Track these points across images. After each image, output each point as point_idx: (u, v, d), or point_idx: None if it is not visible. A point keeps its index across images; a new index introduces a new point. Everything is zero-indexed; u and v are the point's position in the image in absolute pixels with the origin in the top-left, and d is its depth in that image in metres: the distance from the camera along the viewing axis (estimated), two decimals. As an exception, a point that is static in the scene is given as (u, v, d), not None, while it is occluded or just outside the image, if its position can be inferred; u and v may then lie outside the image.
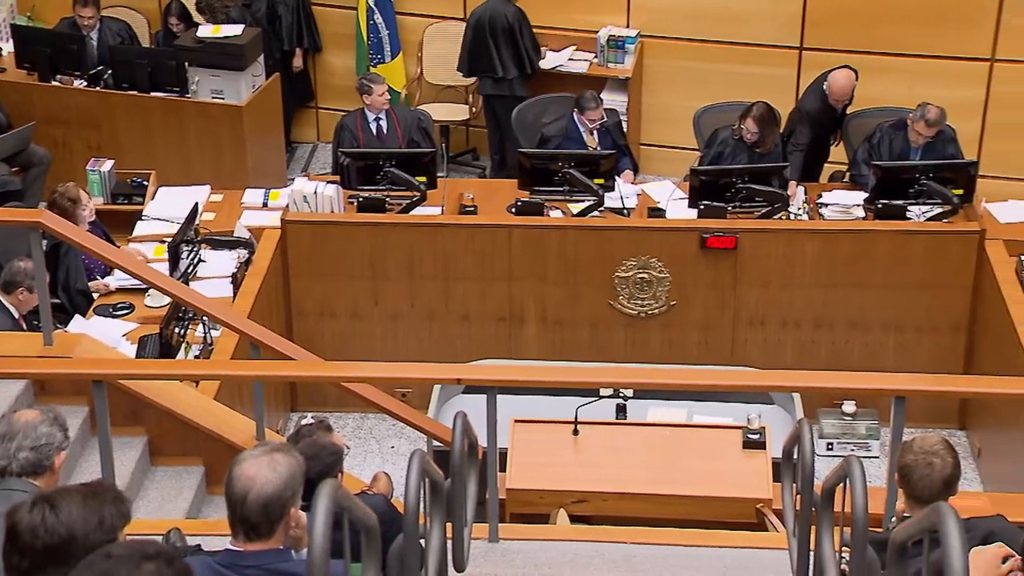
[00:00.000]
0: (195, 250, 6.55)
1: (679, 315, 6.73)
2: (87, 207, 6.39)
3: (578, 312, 6.77)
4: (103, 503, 2.48)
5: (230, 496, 2.75)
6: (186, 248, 6.43)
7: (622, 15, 8.56)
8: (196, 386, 5.54)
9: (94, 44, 8.28)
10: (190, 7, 8.59)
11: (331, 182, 6.95)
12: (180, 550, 3.77)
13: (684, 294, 6.68)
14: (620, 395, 5.78)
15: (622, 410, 5.87)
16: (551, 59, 8.48)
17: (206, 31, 8.01)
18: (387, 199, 6.83)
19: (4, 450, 3.40)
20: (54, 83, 8.09)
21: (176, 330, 5.80)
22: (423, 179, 6.81)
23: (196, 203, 6.86)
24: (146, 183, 7.40)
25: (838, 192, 6.98)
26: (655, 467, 5.28)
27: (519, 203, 6.83)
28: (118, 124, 7.96)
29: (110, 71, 8.02)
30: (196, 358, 5.82)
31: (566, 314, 6.78)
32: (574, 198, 6.78)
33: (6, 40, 8.55)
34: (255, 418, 5.02)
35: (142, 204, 7.21)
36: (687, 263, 6.62)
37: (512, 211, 6.85)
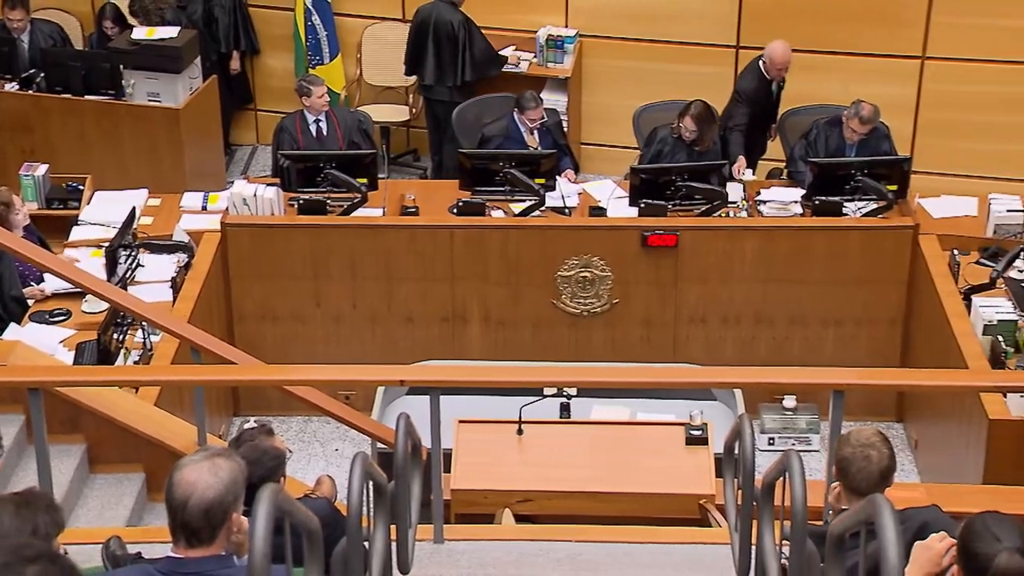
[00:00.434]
0: (133, 255, 6.48)
1: (621, 313, 6.76)
2: (21, 212, 6.29)
3: (521, 312, 6.78)
4: (36, 512, 2.45)
5: (170, 502, 2.73)
6: (124, 253, 6.36)
7: (560, 15, 8.59)
8: (136, 392, 5.47)
9: (25, 47, 8.16)
10: (124, 9, 8.49)
11: (271, 184, 6.91)
12: (120, 558, 3.73)
13: (626, 292, 6.72)
14: (564, 394, 5.79)
15: (566, 409, 5.89)
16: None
17: (141, 33, 7.92)
18: (328, 201, 6.80)
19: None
20: (-15, 87, 7.97)
21: (115, 336, 5.73)
22: (364, 180, 6.78)
23: (133, 207, 6.78)
24: (82, 187, 7.30)
25: (776, 189, 7.06)
26: (599, 465, 5.31)
27: (461, 203, 6.83)
28: (52, 128, 7.84)
29: (42, 74, 7.90)
30: (135, 364, 5.75)
31: (509, 314, 6.79)
32: (515, 198, 6.80)
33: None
34: (196, 423, 4.98)
35: (78, 209, 7.10)
36: (629, 261, 6.66)
37: (454, 212, 6.85)
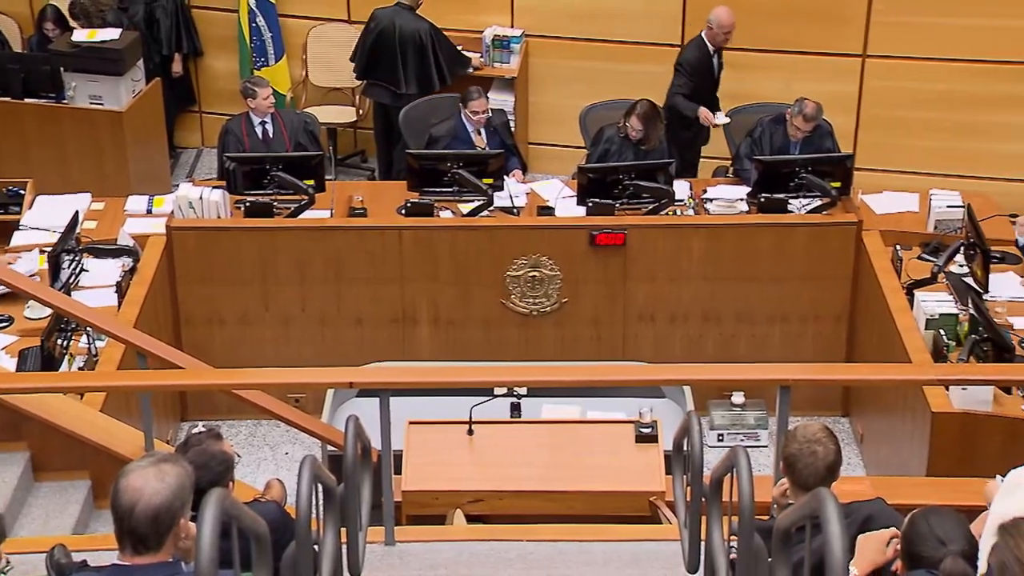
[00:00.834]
0: (77, 259, 6.40)
1: (571, 312, 6.79)
2: (-39, 218, 6.20)
3: (471, 312, 6.79)
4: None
5: (116, 509, 2.70)
6: (67, 257, 6.28)
7: (506, 15, 8.61)
8: (81, 398, 5.41)
9: (-38, 50, 8.05)
10: (64, 11, 8.38)
11: (217, 187, 6.85)
12: (65, 567, 3.69)
13: (575, 291, 6.75)
14: (514, 394, 5.80)
15: (516, 408, 5.90)
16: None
17: (81, 36, 7.83)
18: (275, 203, 6.76)
19: None
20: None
21: (58, 341, 5.65)
22: (311, 182, 6.75)
23: (76, 211, 6.70)
24: (23, 192, 7.20)
25: (722, 187, 7.12)
26: (550, 464, 5.32)
27: (409, 204, 6.82)
28: (-9, 132, 7.74)
29: (-20, 77, 7.79)
30: (80, 369, 5.68)
31: (459, 314, 6.79)
32: (464, 198, 6.80)
33: None
34: (143, 429, 4.93)
35: (19, 214, 7.01)
36: (577, 260, 6.69)
37: (402, 212, 6.84)
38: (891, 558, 3.14)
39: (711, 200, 6.94)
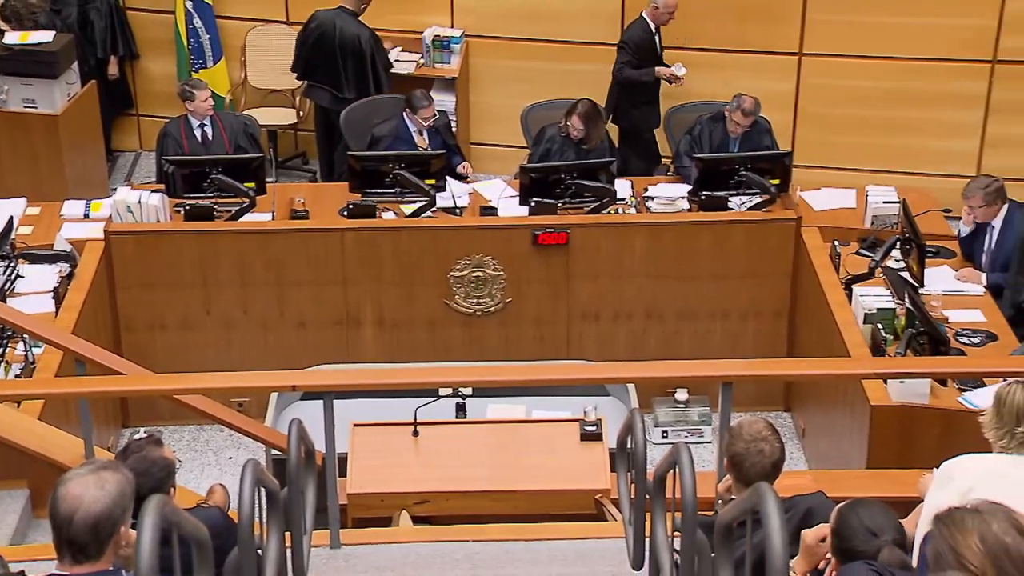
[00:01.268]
0: (11, 265, 6.30)
1: (515, 312, 6.80)
2: None
3: (415, 313, 6.77)
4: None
5: (55, 518, 2.67)
6: (2, 264, 6.18)
7: (446, 15, 8.60)
8: (18, 406, 5.33)
9: None
10: (-5, 13, 8.26)
11: (156, 191, 6.78)
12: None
13: (519, 291, 6.76)
14: (459, 394, 5.80)
15: (462, 409, 5.90)
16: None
17: (13, 38, 7.71)
18: (215, 206, 6.70)
19: None
20: None
21: (-6, 349, 5.57)
22: (251, 185, 6.70)
23: (11, 216, 6.60)
24: (-44, 198, 7.08)
25: (663, 185, 7.17)
26: (496, 464, 5.33)
27: (351, 206, 6.79)
28: (-79, 136, 7.59)
29: (-90, 81, 7.64)
30: (17, 377, 5.60)
31: (403, 315, 6.77)
32: (406, 199, 6.79)
33: None
34: (83, 436, 4.86)
35: (-48, 220, 6.89)
36: (520, 260, 6.70)
37: (344, 214, 6.81)
38: (826, 553, 3.18)
39: (652, 199, 6.99)
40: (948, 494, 3.06)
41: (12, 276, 6.27)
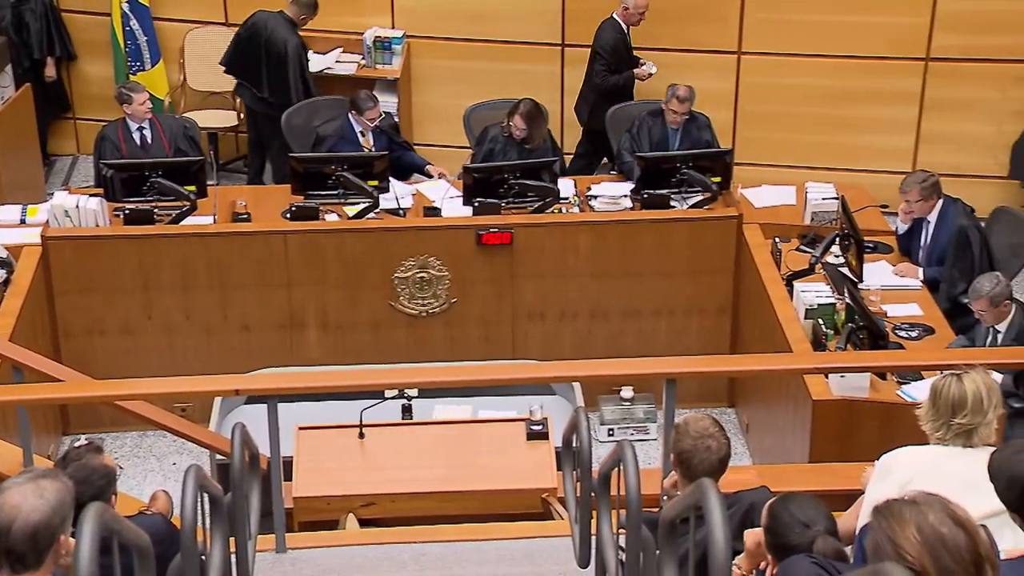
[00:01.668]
0: (-53, 272, 6.19)
1: (460, 312, 6.80)
2: None
3: (359, 315, 6.75)
4: None
5: (-7, 528, 2.62)
6: (-64, 271, 6.07)
7: (387, 16, 8.57)
8: (-45, 416, 5.24)
9: None
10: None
11: (94, 195, 6.70)
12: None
13: (464, 291, 6.76)
14: (405, 395, 5.79)
15: (408, 410, 5.89)
16: (318, 62, 8.39)
17: (-54, 40, 7.58)
18: (155, 210, 6.63)
19: None
20: None
21: (-71, 358, 5.46)
22: (192, 188, 6.64)
23: (-55, 223, 6.49)
24: None
25: (606, 184, 7.20)
26: (443, 465, 5.33)
27: (293, 208, 6.75)
28: None
29: None
30: (-46, 387, 5.49)
31: (347, 317, 6.74)
32: (349, 201, 6.76)
33: None
34: (21, 445, 4.79)
35: None
36: (465, 260, 6.70)
37: (287, 216, 6.76)
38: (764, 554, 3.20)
39: (595, 197, 7.02)
40: (887, 487, 3.10)
41: (-53, 283, 6.17)
